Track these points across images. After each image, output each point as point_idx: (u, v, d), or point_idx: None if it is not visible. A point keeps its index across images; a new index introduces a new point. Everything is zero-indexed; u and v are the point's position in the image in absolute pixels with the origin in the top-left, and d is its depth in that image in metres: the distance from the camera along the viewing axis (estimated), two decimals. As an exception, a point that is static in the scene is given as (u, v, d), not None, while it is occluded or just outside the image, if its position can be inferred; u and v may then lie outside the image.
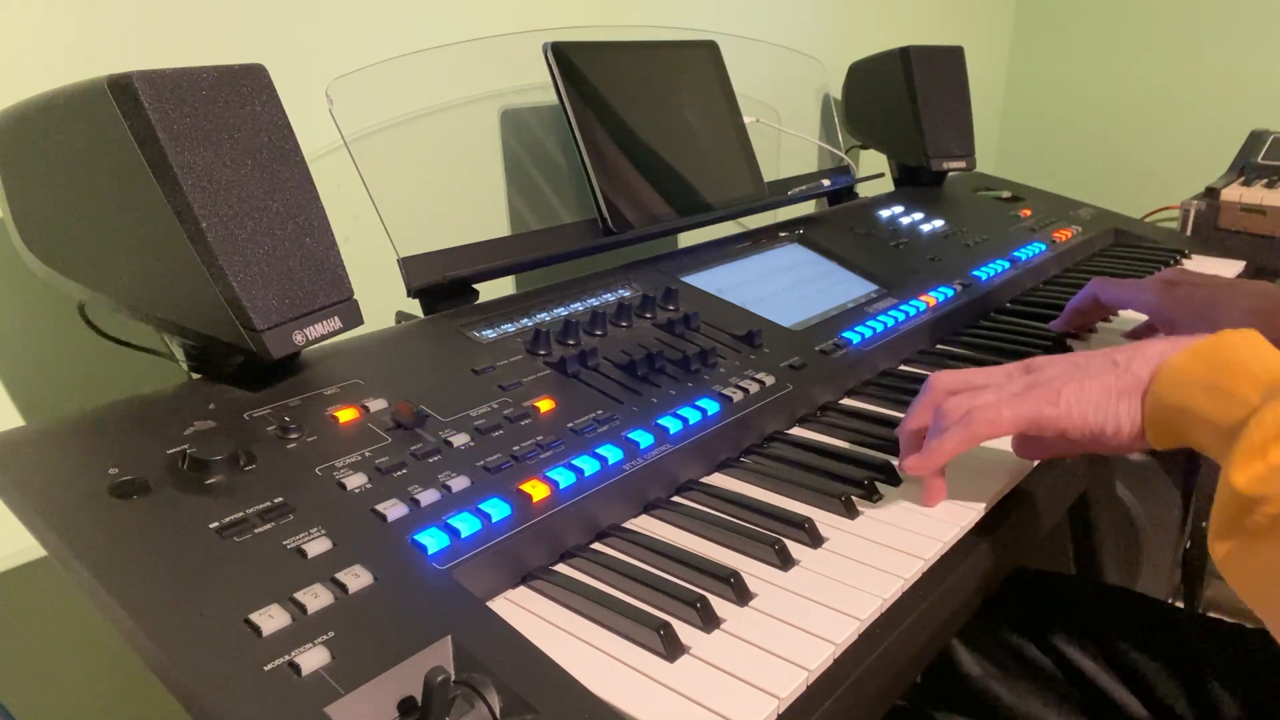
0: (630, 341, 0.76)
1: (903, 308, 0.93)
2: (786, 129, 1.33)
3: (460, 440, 0.59)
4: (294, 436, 0.56)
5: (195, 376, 0.63)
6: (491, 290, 0.83)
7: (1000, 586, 0.62)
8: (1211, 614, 0.91)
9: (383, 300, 0.76)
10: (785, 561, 0.55)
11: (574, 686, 0.42)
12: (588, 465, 0.59)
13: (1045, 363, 0.60)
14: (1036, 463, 0.67)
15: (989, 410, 0.58)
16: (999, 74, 2.04)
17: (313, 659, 0.41)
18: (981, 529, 0.61)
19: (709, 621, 0.49)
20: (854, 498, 0.61)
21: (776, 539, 0.56)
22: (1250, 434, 0.45)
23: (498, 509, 0.54)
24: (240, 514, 0.49)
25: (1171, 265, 1.21)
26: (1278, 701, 0.69)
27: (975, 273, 1.06)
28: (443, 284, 0.77)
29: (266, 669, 0.40)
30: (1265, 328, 0.76)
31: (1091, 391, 0.56)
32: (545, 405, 0.64)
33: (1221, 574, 0.47)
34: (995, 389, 0.60)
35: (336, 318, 0.62)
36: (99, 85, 0.53)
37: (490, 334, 0.74)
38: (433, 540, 0.50)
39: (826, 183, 1.21)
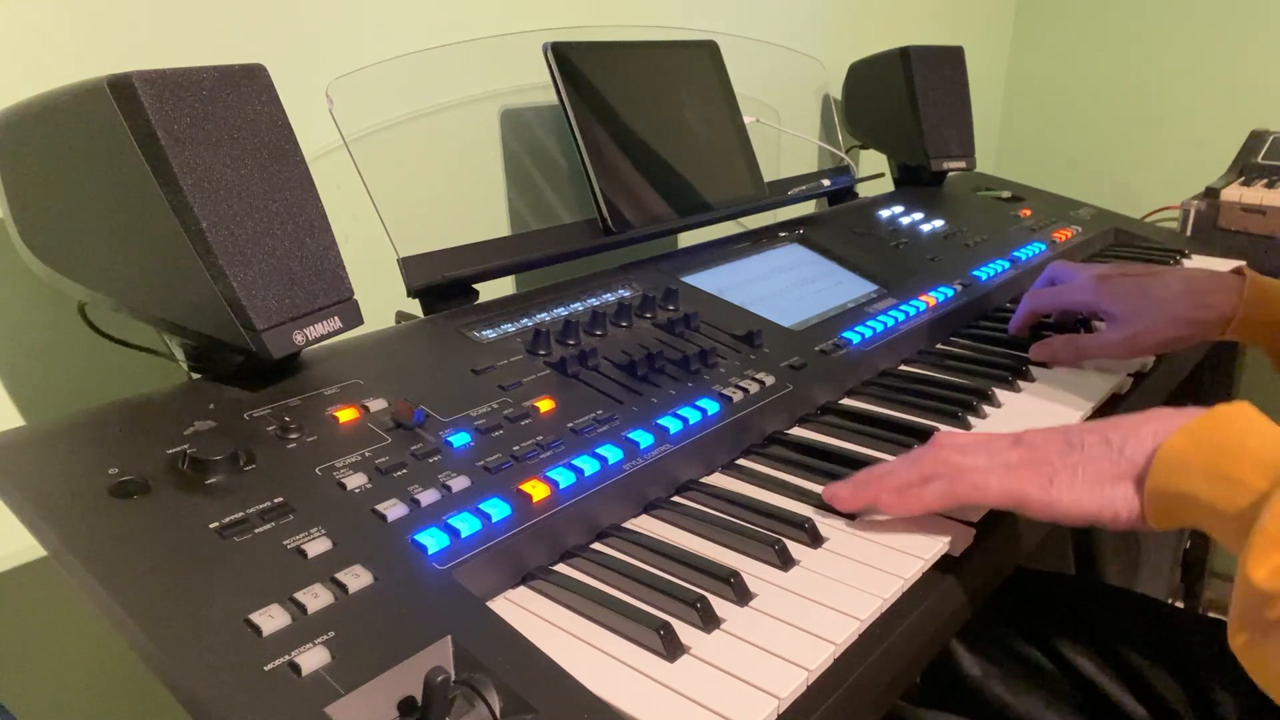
0: (630, 341, 0.76)
1: (903, 308, 0.93)
2: (786, 129, 1.33)
3: (460, 440, 0.59)
4: (294, 436, 0.56)
5: (195, 376, 0.63)
6: (491, 290, 0.83)
7: (1000, 586, 0.62)
8: (1211, 614, 0.91)
9: (383, 300, 0.76)
10: (785, 561, 0.55)
11: (574, 686, 0.42)
12: (588, 465, 0.59)
13: (1038, 440, 0.58)
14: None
15: (977, 475, 0.57)
16: (999, 74, 2.03)
17: (313, 659, 0.41)
18: (982, 529, 0.61)
19: (709, 621, 0.49)
20: (854, 498, 0.61)
21: (776, 539, 0.56)
22: (1265, 526, 0.44)
23: (498, 509, 0.54)
24: (240, 514, 0.49)
25: (1171, 265, 1.21)
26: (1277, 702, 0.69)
27: (975, 273, 1.06)
28: (442, 284, 0.77)
29: (266, 669, 0.40)
30: (1196, 309, 0.80)
31: (1085, 479, 0.54)
32: (545, 405, 0.64)
33: (1241, 664, 0.46)
34: (988, 455, 0.58)
35: (336, 318, 0.62)
36: (99, 85, 0.53)
37: (490, 334, 0.74)
38: (433, 540, 0.50)
39: (826, 183, 1.21)
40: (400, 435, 0.58)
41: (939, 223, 1.21)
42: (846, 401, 0.79)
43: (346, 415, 0.59)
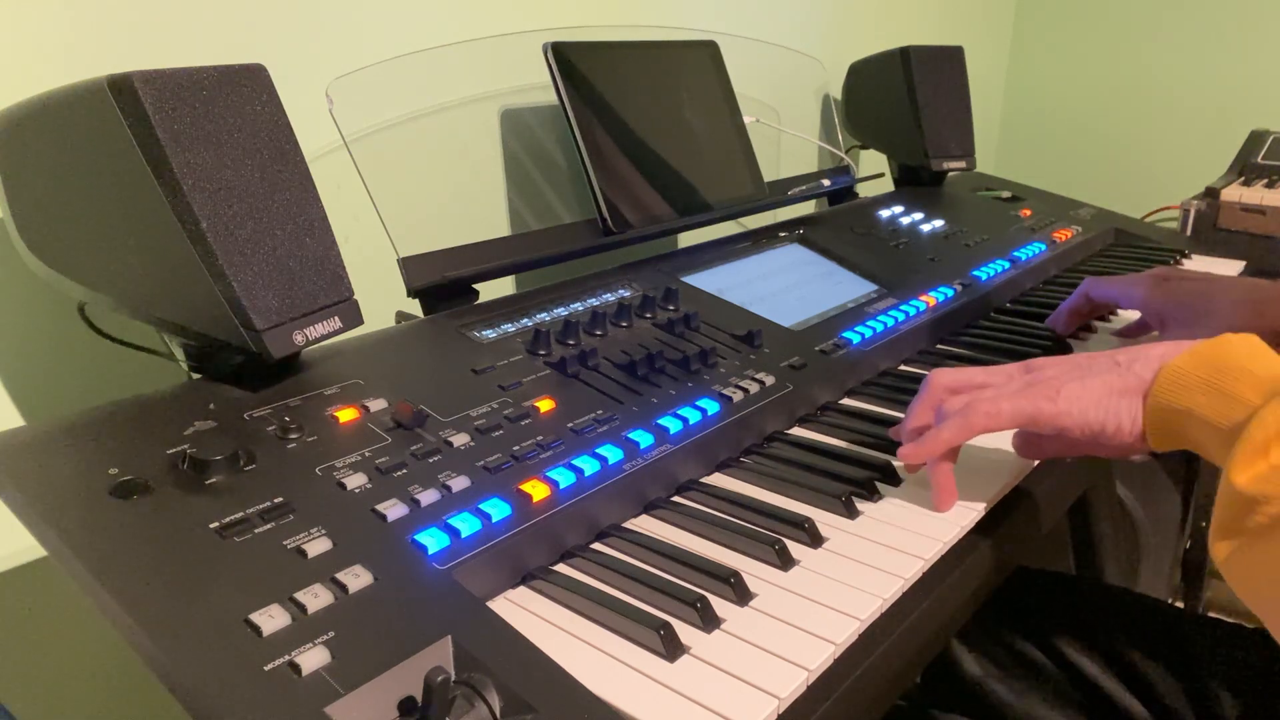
0: (630, 341, 0.76)
1: (903, 308, 0.93)
2: (786, 129, 1.33)
3: (460, 440, 0.59)
4: (294, 436, 0.56)
5: (195, 376, 0.63)
6: (491, 290, 0.83)
7: (1000, 586, 0.62)
8: (1211, 614, 0.91)
9: (383, 300, 0.76)
10: (785, 561, 0.55)
11: (574, 686, 0.42)
12: (588, 465, 0.59)
13: (1046, 362, 0.60)
14: (1036, 463, 0.67)
15: (987, 403, 0.58)
16: (999, 74, 2.03)
17: (313, 659, 0.41)
18: (981, 529, 0.61)
19: (709, 621, 0.49)
20: (854, 498, 0.61)
21: (776, 539, 0.56)
22: (1251, 433, 0.45)
23: (498, 509, 0.54)
24: (240, 514, 0.49)
25: (1171, 265, 1.21)
26: (1277, 701, 0.69)
27: (975, 273, 1.06)
28: (442, 284, 0.77)
29: (266, 669, 0.40)
30: (1254, 319, 0.77)
31: (1092, 389, 0.56)
32: (545, 405, 0.64)
33: (1221, 574, 0.47)
34: (995, 387, 0.60)
35: (336, 318, 0.62)
36: (99, 85, 0.53)
37: (490, 334, 0.74)
38: (433, 540, 0.50)
39: (826, 183, 1.21)
40: (400, 435, 0.58)
41: (939, 223, 1.21)
42: (846, 401, 0.79)
43: (346, 415, 0.59)
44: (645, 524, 0.60)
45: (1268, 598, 0.45)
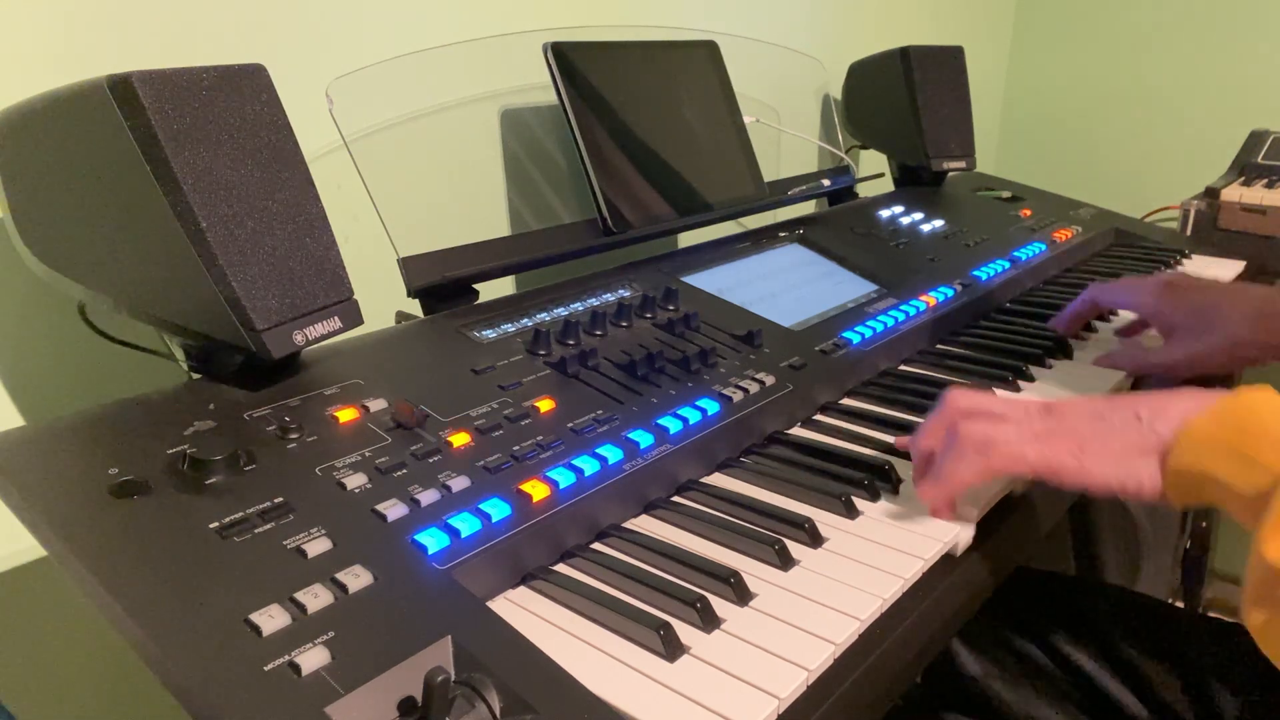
0: (630, 341, 0.76)
1: (903, 308, 0.93)
2: (786, 129, 1.33)
3: (460, 440, 0.59)
4: (294, 436, 0.56)
5: (195, 376, 0.63)
6: (491, 290, 0.83)
7: (1000, 586, 0.62)
8: (1211, 614, 0.91)
9: (383, 300, 0.76)
10: (785, 561, 0.55)
11: (574, 686, 0.42)
12: (588, 465, 0.59)
13: (1067, 410, 0.59)
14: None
15: (1012, 446, 0.57)
16: (999, 74, 2.03)
17: (313, 659, 0.41)
18: (981, 529, 0.61)
19: (709, 621, 0.49)
20: (854, 498, 0.61)
21: (776, 539, 0.56)
22: (1278, 504, 0.45)
23: (498, 509, 0.54)
24: (240, 514, 0.49)
25: (1171, 265, 1.21)
26: (1278, 701, 0.69)
27: (975, 273, 1.06)
28: (443, 284, 0.77)
29: (266, 669, 0.40)
30: (1265, 332, 0.77)
31: (1113, 449, 0.55)
32: (545, 405, 0.64)
33: (1257, 643, 0.46)
34: (1015, 425, 0.58)
35: (336, 318, 0.62)
36: (99, 85, 0.53)
37: (490, 334, 0.74)
38: (433, 540, 0.50)
39: (826, 183, 1.21)
40: (400, 435, 0.58)
41: (939, 223, 1.21)
42: (846, 401, 0.79)
43: (346, 415, 0.59)
44: (645, 524, 0.60)
45: None
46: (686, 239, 1.10)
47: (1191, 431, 0.52)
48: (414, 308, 0.79)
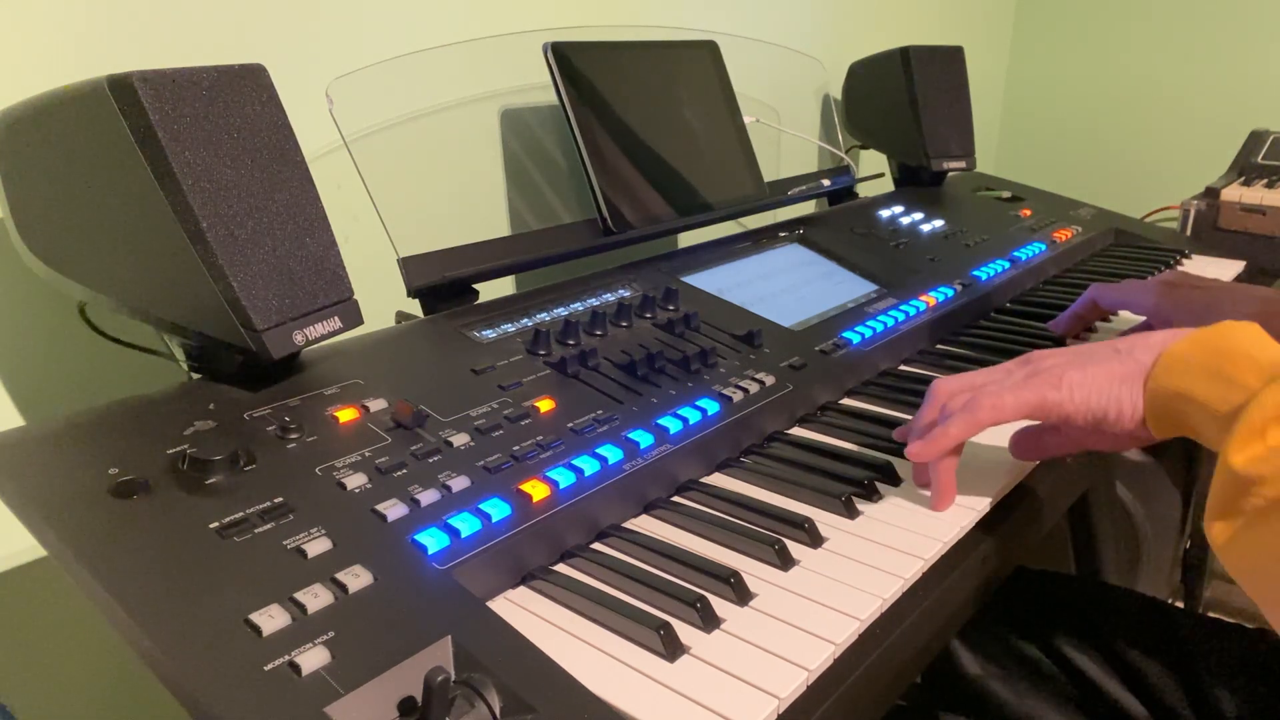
0: (630, 341, 0.76)
1: (903, 308, 0.93)
2: (786, 129, 1.33)
3: (460, 440, 0.59)
4: (294, 436, 0.56)
5: (195, 376, 0.63)
6: (491, 290, 0.83)
7: (1000, 586, 0.62)
8: (1211, 614, 0.91)
9: (383, 300, 0.76)
10: (785, 561, 0.55)
11: (574, 686, 0.42)
12: (588, 465, 0.59)
13: (1045, 354, 0.61)
14: (1036, 463, 0.67)
15: (991, 397, 0.58)
16: (999, 74, 2.03)
17: (313, 659, 0.41)
18: (982, 529, 0.61)
19: (709, 621, 0.49)
20: (854, 498, 0.61)
21: (776, 539, 0.56)
22: (1250, 415, 0.46)
23: (498, 509, 0.54)
24: (240, 514, 0.49)
25: (1171, 265, 1.21)
26: (1278, 701, 0.69)
27: (975, 273, 1.06)
28: (442, 284, 0.77)
29: (266, 669, 0.40)
30: (1266, 332, 0.77)
31: (1094, 376, 0.56)
32: (545, 405, 0.64)
33: (1217, 555, 0.47)
34: (996, 382, 0.60)
35: (336, 318, 0.62)
36: (99, 85, 0.53)
37: (490, 334, 0.74)
38: (433, 540, 0.50)
39: (826, 183, 1.21)
40: (400, 435, 0.58)
41: (939, 223, 1.21)
42: (846, 401, 0.79)
43: (346, 415, 0.59)
44: (645, 524, 0.60)
45: (1264, 579, 0.45)
46: (686, 239, 1.10)
47: (1172, 354, 0.54)
48: (414, 308, 0.79)
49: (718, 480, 0.66)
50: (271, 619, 0.43)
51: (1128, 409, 0.55)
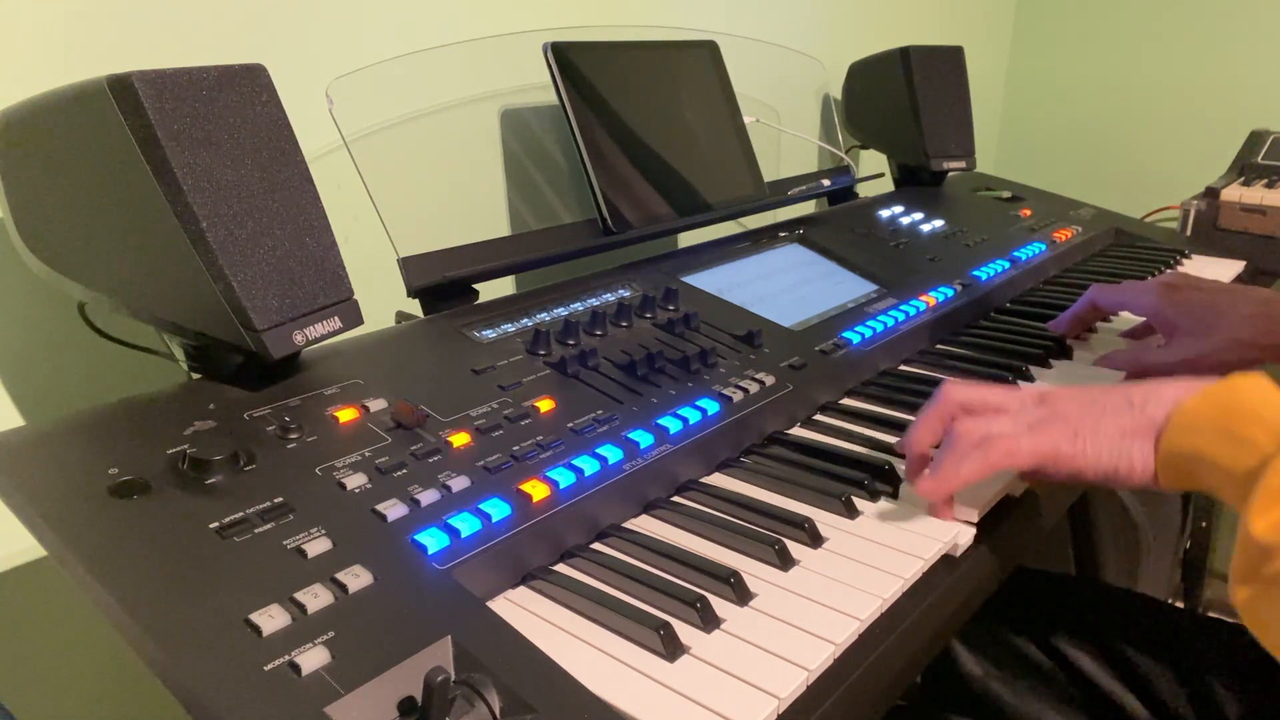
0: (630, 341, 0.76)
1: (903, 308, 0.93)
2: (786, 129, 1.33)
3: (460, 440, 0.59)
4: (294, 436, 0.56)
5: (195, 376, 0.63)
6: (491, 290, 0.83)
7: (1000, 586, 0.62)
8: (1211, 614, 0.91)
9: (383, 300, 0.76)
10: (785, 561, 0.55)
11: (574, 686, 0.42)
12: (588, 465, 0.59)
13: (1061, 397, 0.59)
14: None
15: (1007, 441, 0.57)
16: (999, 74, 2.03)
17: (313, 659, 0.41)
18: (982, 529, 0.61)
19: (709, 621, 0.49)
20: (854, 498, 0.61)
21: (776, 539, 0.56)
22: (1268, 481, 0.45)
23: (498, 509, 0.54)
24: (240, 514, 0.49)
25: (1172, 265, 1.21)
26: (1278, 701, 0.69)
27: (975, 273, 1.06)
28: (442, 284, 0.77)
29: (266, 669, 0.40)
30: (1265, 333, 0.77)
31: (1107, 431, 0.55)
32: (545, 405, 0.64)
33: (1242, 620, 0.47)
34: (1011, 417, 0.59)
35: (336, 318, 0.62)
36: (99, 85, 0.53)
37: (490, 334, 0.74)
38: (433, 540, 0.50)
39: (826, 183, 1.21)
40: (400, 435, 0.58)
41: (939, 223, 1.21)
42: (846, 401, 0.79)
43: (346, 415, 0.59)
44: (645, 524, 0.60)
45: None
46: (686, 239, 1.10)
47: (1184, 412, 0.53)
48: (414, 308, 0.79)
49: (718, 480, 0.66)
50: (271, 619, 0.43)
51: (1139, 465, 0.55)
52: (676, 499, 0.63)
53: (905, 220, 1.20)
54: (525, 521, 0.54)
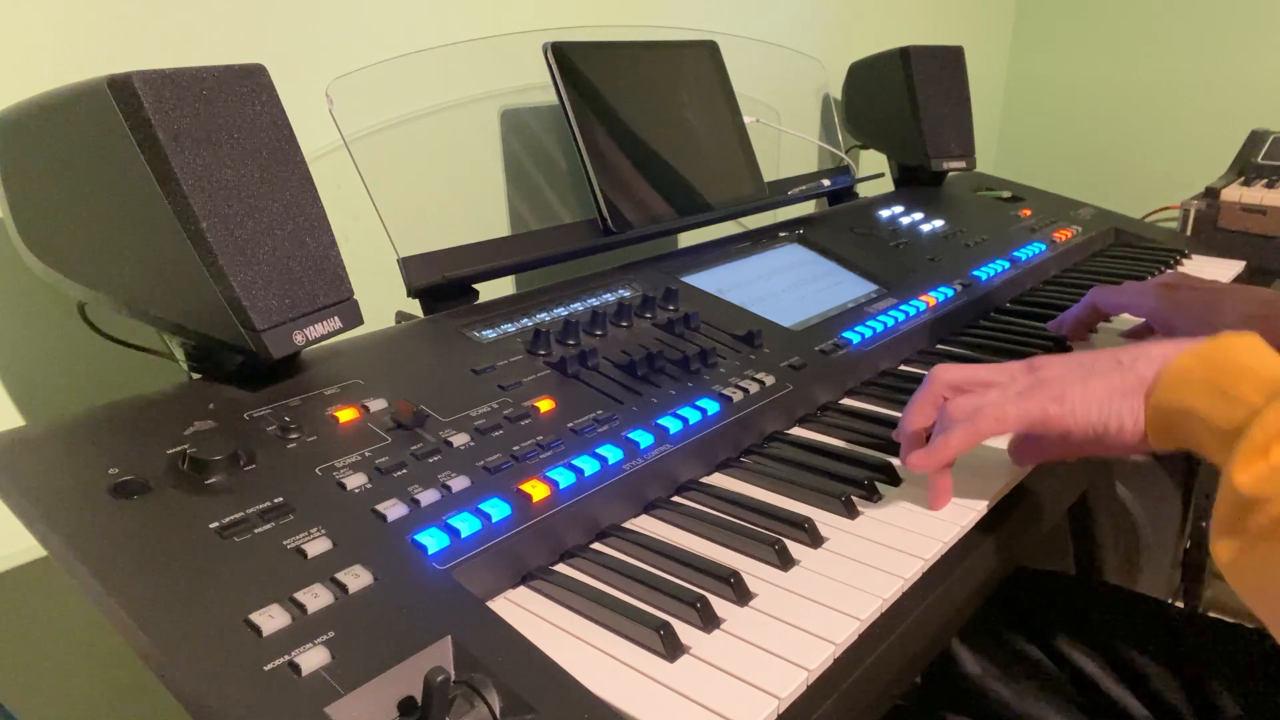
0: (630, 341, 0.76)
1: (903, 308, 0.93)
2: (786, 129, 1.33)
3: (460, 440, 0.59)
4: (294, 436, 0.56)
5: (195, 376, 0.63)
6: (491, 290, 0.83)
7: (1000, 586, 0.62)
8: (1211, 614, 0.91)
9: (383, 300, 0.76)
10: (785, 561, 0.55)
11: (574, 686, 0.42)
12: (588, 465, 0.59)
13: (1049, 362, 0.60)
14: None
15: (995, 408, 0.58)
16: (999, 74, 2.03)
17: (313, 659, 0.41)
18: (982, 529, 0.61)
19: (709, 621, 0.49)
20: (854, 498, 0.61)
21: (776, 539, 0.56)
22: (1253, 434, 0.46)
23: (498, 509, 0.54)
24: (240, 514, 0.49)
25: (1172, 265, 1.21)
26: (1277, 701, 0.69)
27: (975, 273, 1.06)
28: (442, 284, 0.77)
29: (266, 669, 0.40)
30: (1264, 333, 0.76)
31: (1096, 390, 0.56)
32: (545, 405, 0.64)
33: (1222, 574, 0.47)
34: (1000, 388, 0.60)
35: (336, 318, 0.62)
36: (99, 85, 0.53)
37: (490, 334, 0.74)
38: (433, 540, 0.50)
39: (826, 183, 1.21)
40: (400, 435, 0.58)
41: (939, 223, 1.21)
42: (847, 401, 0.79)
43: (346, 415, 0.59)
44: (645, 524, 0.60)
45: (1269, 598, 0.45)
46: (686, 239, 1.10)
47: (1173, 369, 0.53)
48: (414, 308, 0.79)
49: (718, 480, 0.66)
50: (271, 619, 0.43)
51: (1129, 423, 0.55)
52: (676, 499, 0.63)
53: (905, 220, 1.20)
54: (525, 521, 0.54)
